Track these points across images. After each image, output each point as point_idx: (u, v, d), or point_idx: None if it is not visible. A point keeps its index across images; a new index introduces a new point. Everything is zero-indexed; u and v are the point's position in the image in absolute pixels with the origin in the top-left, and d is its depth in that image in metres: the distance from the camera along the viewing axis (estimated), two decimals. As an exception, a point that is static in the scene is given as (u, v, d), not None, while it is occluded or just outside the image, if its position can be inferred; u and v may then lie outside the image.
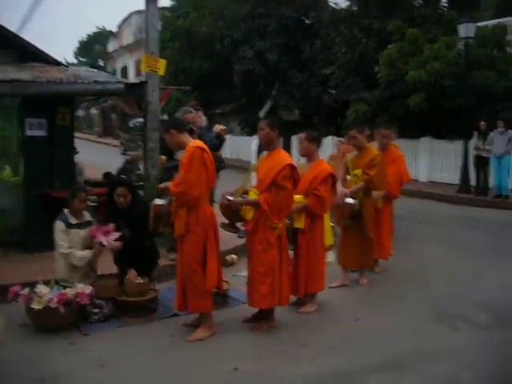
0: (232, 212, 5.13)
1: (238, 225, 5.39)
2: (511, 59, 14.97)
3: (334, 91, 19.76)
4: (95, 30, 58.28)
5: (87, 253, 5.42)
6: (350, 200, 6.11)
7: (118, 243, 5.40)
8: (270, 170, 4.99)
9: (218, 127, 7.90)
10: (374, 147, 6.69)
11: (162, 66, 8.23)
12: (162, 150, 7.64)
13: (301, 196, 5.47)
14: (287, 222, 5.36)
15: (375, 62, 16.48)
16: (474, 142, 13.38)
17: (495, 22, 17.14)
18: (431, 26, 16.24)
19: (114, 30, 51.21)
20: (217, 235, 5.00)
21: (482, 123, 12.91)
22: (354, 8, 20.00)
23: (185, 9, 26.61)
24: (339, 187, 6.24)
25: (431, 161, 16.15)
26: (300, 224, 5.46)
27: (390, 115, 16.27)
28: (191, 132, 7.19)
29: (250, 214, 5.01)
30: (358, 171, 6.28)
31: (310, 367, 4.36)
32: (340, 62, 18.27)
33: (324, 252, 5.76)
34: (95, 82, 7.38)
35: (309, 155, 5.74)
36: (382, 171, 6.34)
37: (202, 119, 7.86)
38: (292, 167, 4.98)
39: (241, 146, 22.73)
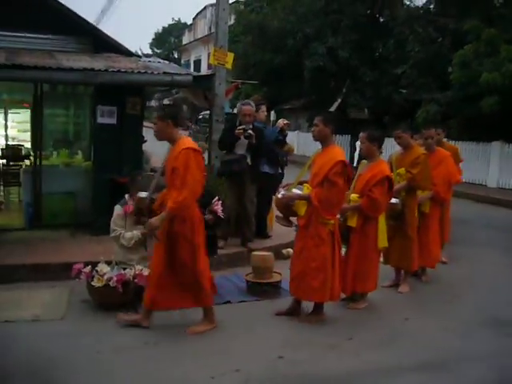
0: (285, 206, 5.23)
1: (293, 219, 5.46)
2: None
3: (405, 91, 19.42)
4: (171, 21, 59.57)
5: (134, 234, 5.59)
6: (392, 199, 5.94)
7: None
8: (323, 166, 5.05)
9: (281, 122, 7.99)
10: (419, 147, 6.51)
11: (229, 59, 8.43)
12: (220, 144, 7.72)
13: (356, 195, 5.49)
14: (340, 219, 5.39)
15: (449, 63, 16.08)
16: None
17: None
18: (509, 27, 15.64)
19: (189, 22, 52.20)
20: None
21: None
22: (431, 6, 19.54)
23: (258, 3, 26.80)
24: None
25: (501, 166, 15.61)
26: (353, 223, 5.45)
27: (461, 117, 15.87)
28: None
29: (302, 208, 5.08)
30: (402, 170, 6.18)
31: (353, 361, 4.42)
32: (413, 61, 17.94)
33: (377, 253, 5.69)
34: (164, 73, 7.62)
35: (369, 155, 5.69)
36: (425, 170, 6.16)
37: (263, 114, 7.94)
38: (344, 164, 5.00)
39: (307, 143, 22.70)
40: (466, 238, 8.75)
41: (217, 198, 5.80)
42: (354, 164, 16.57)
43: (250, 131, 7.05)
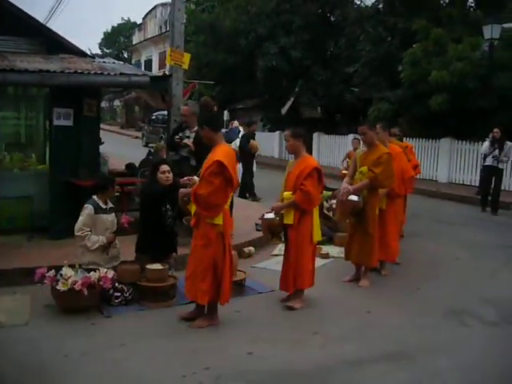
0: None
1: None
2: (537, 62, 14.85)
3: (357, 89, 19.80)
4: (120, 21, 58.76)
5: (100, 238, 5.62)
6: (353, 197, 6.06)
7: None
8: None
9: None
10: (383, 146, 6.50)
11: (186, 59, 8.43)
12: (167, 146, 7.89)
13: (289, 192, 5.53)
14: (276, 218, 5.50)
15: (399, 61, 16.49)
16: (484, 148, 12.36)
17: (521, 23, 17.05)
18: (456, 26, 16.18)
19: (139, 21, 51.62)
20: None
21: (496, 130, 12.04)
22: (380, 6, 19.97)
23: (209, 2, 26.78)
24: (344, 183, 6.31)
25: (451, 162, 16.13)
26: (289, 220, 5.48)
27: (411, 115, 16.30)
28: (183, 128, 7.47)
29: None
30: (364, 168, 6.20)
31: (319, 355, 4.52)
32: (364, 60, 18.32)
33: (312, 247, 5.66)
34: (121, 74, 7.56)
35: (295, 152, 5.73)
36: (388, 170, 6.20)
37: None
38: (220, 164, 4.85)
39: (262, 142, 22.91)
40: (421, 231, 9.02)
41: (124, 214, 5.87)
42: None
43: (186, 140, 7.33)
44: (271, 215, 5.56)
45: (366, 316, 5.43)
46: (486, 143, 12.16)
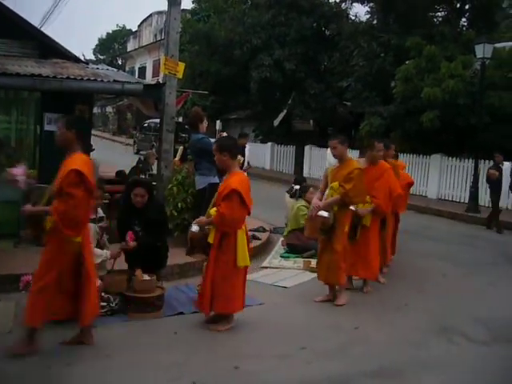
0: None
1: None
2: (526, 82, 15.02)
3: (349, 103, 19.89)
4: (115, 28, 58.83)
5: (103, 252, 5.57)
6: (323, 213, 5.89)
7: (133, 244, 5.57)
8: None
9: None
10: (354, 160, 6.39)
11: (181, 69, 8.41)
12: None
13: (215, 209, 5.24)
14: (204, 231, 5.28)
15: (392, 77, 16.60)
16: (492, 172, 12.01)
17: (513, 44, 17.23)
18: (449, 44, 16.33)
19: (134, 29, 51.69)
20: None
21: (498, 155, 12.00)
22: (374, 22, 20.13)
23: (205, 12, 26.85)
24: (314, 199, 6.21)
25: (441, 178, 16.21)
26: (211, 238, 5.21)
27: (403, 130, 16.38)
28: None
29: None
30: (335, 184, 5.99)
31: (306, 370, 4.47)
32: (357, 74, 18.42)
33: (238, 272, 5.24)
34: (114, 81, 7.54)
35: (224, 167, 5.42)
36: (359, 186, 5.98)
37: (205, 125, 7.94)
38: (79, 173, 4.48)
39: (254, 153, 22.90)
40: (410, 248, 9.02)
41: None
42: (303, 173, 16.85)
43: None
44: (195, 227, 5.34)
45: (354, 332, 5.39)
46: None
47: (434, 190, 16.29)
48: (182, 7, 8.69)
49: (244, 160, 10.21)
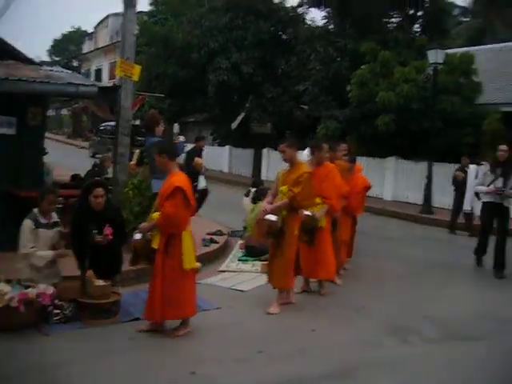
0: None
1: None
2: (476, 87, 15.49)
3: (306, 107, 20.06)
4: (70, 29, 57.83)
5: (48, 253, 5.44)
6: (270, 217, 5.82)
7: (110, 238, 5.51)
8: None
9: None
10: (304, 164, 6.35)
11: (136, 71, 8.30)
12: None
13: (157, 213, 5.18)
14: (141, 240, 5.24)
15: (348, 81, 16.82)
16: (457, 173, 11.96)
17: (463, 50, 17.76)
18: (403, 50, 16.68)
19: (90, 30, 50.92)
20: None
21: (464, 158, 11.99)
22: (330, 27, 20.37)
23: (163, 15, 26.64)
24: (264, 202, 6.23)
25: (396, 180, 16.53)
26: (156, 243, 5.12)
27: (359, 134, 16.63)
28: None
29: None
30: (284, 188, 5.94)
31: (264, 373, 4.49)
32: (314, 78, 18.59)
33: (186, 276, 5.16)
34: (69, 83, 7.39)
35: (163, 169, 5.39)
36: (307, 189, 5.96)
37: (162, 129, 7.90)
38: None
39: (212, 156, 22.86)
40: (366, 249, 9.14)
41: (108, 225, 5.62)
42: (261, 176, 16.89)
43: None
44: (138, 235, 5.28)
45: (311, 334, 5.44)
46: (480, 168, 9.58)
47: (390, 192, 16.59)
48: (139, 9, 8.61)
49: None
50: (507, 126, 13.86)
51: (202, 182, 10.78)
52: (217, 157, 23.33)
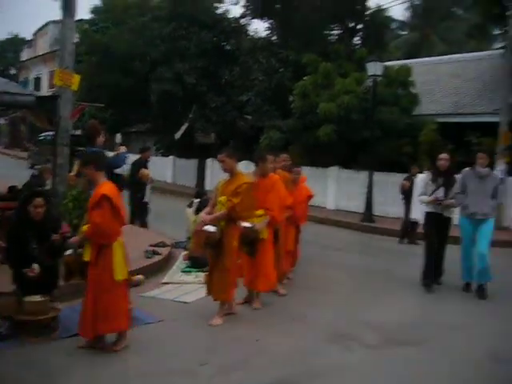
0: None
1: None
2: (413, 98, 16.04)
3: (250, 117, 20.20)
4: (7, 36, 56.10)
5: None
6: (209, 227, 5.78)
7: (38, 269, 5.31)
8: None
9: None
10: (244, 174, 6.32)
11: (76, 80, 8.14)
12: None
13: (87, 226, 5.04)
14: (72, 254, 5.17)
15: (290, 92, 17.06)
16: (404, 182, 11.92)
17: (401, 62, 18.36)
18: (343, 62, 17.08)
19: (29, 37, 49.62)
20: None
21: (414, 167, 11.97)
22: (273, 38, 20.63)
23: (104, 23, 26.28)
24: (202, 213, 6.19)
25: (338, 189, 16.83)
26: (87, 256, 5.01)
27: (301, 144, 16.87)
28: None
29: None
30: (223, 198, 5.91)
31: (208, 386, 4.46)
32: (257, 89, 18.78)
33: (118, 287, 5.05)
34: (5, 92, 7.18)
35: (92, 180, 5.26)
36: (247, 200, 5.93)
37: (102, 139, 7.77)
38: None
39: (156, 167, 22.62)
40: (310, 258, 9.26)
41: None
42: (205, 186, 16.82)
43: None
44: (69, 250, 5.18)
45: (255, 344, 5.44)
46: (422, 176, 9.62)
47: (332, 201, 16.88)
48: (80, 17, 8.47)
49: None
50: (443, 136, 14.39)
51: (148, 194, 10.68)
52: (160, 167, 23.12)
